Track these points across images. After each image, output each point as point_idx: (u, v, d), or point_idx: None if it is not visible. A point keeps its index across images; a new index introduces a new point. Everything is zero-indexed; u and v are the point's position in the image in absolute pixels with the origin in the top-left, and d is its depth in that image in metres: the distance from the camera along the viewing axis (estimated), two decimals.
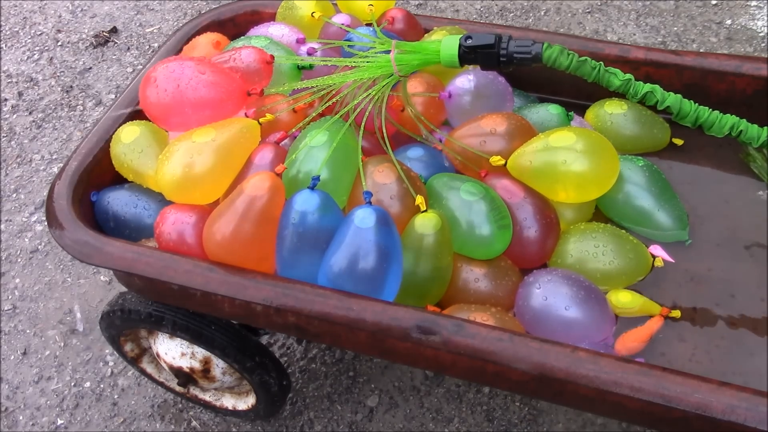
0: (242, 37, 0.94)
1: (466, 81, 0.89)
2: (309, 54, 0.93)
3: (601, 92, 0.97)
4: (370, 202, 0.72)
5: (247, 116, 0.83)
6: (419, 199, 0.75)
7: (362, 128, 0.82)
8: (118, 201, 0.85)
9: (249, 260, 0.74)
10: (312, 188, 0.73)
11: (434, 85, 0.91)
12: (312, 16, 0.99)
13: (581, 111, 0.95)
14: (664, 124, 0.93)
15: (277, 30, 0.96)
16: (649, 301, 0.76)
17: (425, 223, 0.74)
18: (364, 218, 0.71)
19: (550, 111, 0.90)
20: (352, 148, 0.80)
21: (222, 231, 0.73)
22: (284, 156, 0.81)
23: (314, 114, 0.86)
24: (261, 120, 0.80)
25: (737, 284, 0.79)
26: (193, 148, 0.77)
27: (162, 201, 0.83)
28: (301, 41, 0.95)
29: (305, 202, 0.73)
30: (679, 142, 0.93)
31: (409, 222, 0.76)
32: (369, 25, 0.96)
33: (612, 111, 0.92)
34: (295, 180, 0.78)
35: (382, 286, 0.72)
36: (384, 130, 0.81)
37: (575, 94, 0.99)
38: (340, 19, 0.98)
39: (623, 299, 0.76)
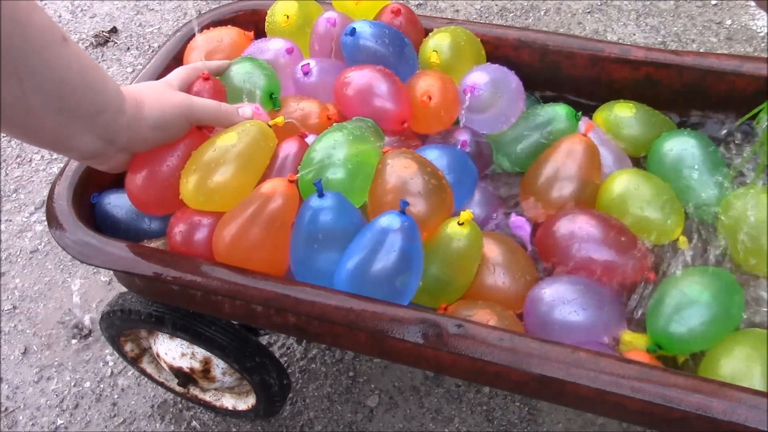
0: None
1: (482, 76, 0.89)
2: (303, 72, 0.92)
3: (602, 92, 0.97)
4: (403, 211, 0.71)
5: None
6: (466, 215, 0.74)
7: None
8: (117, 203, 0.85)
9: (255, 266, 0.74)
10: (320, 195, 0.72)
11: (447, 82, 0.91)
12: (286, 18, 0.98)
13: (581, 110, 0.95)
14: (672, 124, 0.93)
15: (273, 45, 0.95)
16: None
17: (460, 230, 0.74)
18: (391, 224, 0.70)
19: (557, 111, 0.90)
20: (370, 146, 0.80)
21: (231, 235, 0.73)
22: (306, 149, 0.81)
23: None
24: (270, 123, 0.80)
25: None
26: (219, 156, 0.75)
27: None
28: (290, 51, 0.94)
29: (317, 205, 0.72)
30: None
31: (440, 225, 0.76)
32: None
33: (621, 113, 0.92)
34: (312, 182, 0.77)
35: (400, 296, 0.72)
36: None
37: (576, 94, 0.99)
38: (327, 17, 0.97)
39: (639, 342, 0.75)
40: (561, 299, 0.73)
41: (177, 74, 0.81)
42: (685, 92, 0.93)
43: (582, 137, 0.84)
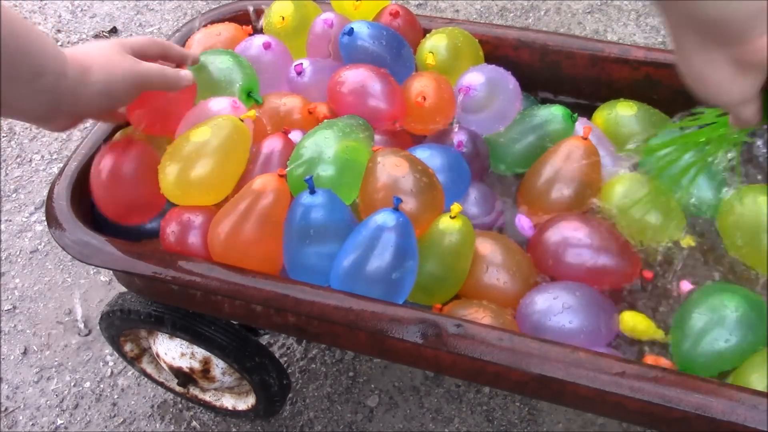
0: (207, 51, 0.94)
1: (478, 77, 0.89)
2: (297, 72, 0.92)
3: (602, 92, 0.97)
4: (396, 208, 0.71)
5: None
6: (456, 208, 0.74)
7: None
8: None
9: (253, 262, 0.74)
10: (311, 191, 0.73)
11: (442, 82, 0.91)
12: (281, 19, 0.98)
13: (579, 109, 0.95)
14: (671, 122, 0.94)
15: (256, 42, 0.95)
16: (653, 327, 0.75)
17: (452, 224, 0.74)
18: (386, 222, 0.70)
19: (554, 112, 0.90)
20: (360, 143, 0.80)
21: (226, 232, 0.73)
22: (292, 147, 0.81)
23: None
24: (241, 117, 0.80)
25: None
26: (193, 150, 0.76)
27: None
28: (267, 46, 0.94)
29: (309, 202, 0.73)
30: None
31: (431, 222, 0.76)
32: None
33: (622, 112, 0.92)
34: (301, 177, 0.77)
35: (397, 293, 0.72)
36: None
37: (576, 94, 0.99)
38: (324, 18, 0.97)
39: (638, 322, 0.74)
40: (552, 308, 0.73)
41: (135, 41, 0.76)
42: (685, 92, 0.93)
43: (581, 140, 0.84)
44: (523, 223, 0.85)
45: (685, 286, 0.78)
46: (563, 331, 0.72)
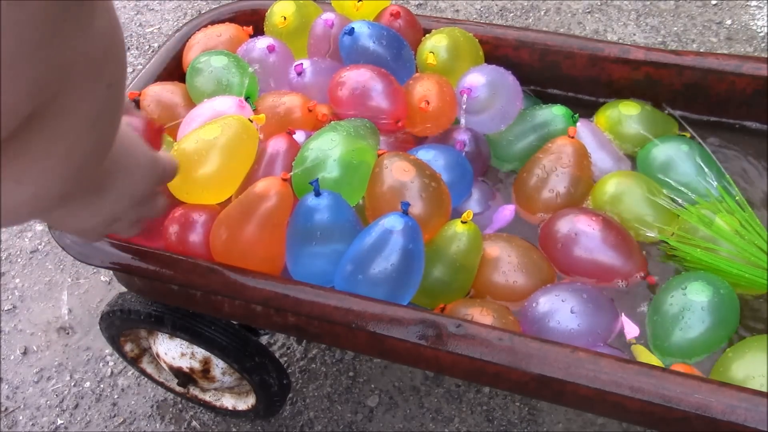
0: (204, 52, 0.94)
1: (479, 78, 0.89)
2: (297, 72, 0.92)
3: (601, 92, 0.97)
4: (405, 212, 0.71)
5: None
6: (468, 214, 0.75)
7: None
8: None
9: (254, 263, 0.74)
10: (316, 194, 0.73)
11: (443, 85, 0.91)
12: (283, 20, 0.98)
13: (580, 109, 0.95)
14: (675, 124, 0.94)
15: (260, 44, 0.95)
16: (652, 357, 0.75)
17: (461, 230, 0.74)
18: (394, 225, 0.70)
19: (554, 112, 0.90)
20: (366, 146, 0.80)
21: (228, 233, 0.73)
22: (297, 148, 0.81)
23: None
24: (252, 118, 0.80)
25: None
26: (202, 147, 0.76)
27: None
28: (271, 49, 0.94)
29: (314, 204, 0.73)
30: (685, 135, 0.94)
31: (439, 227, 0.76)
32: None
33: (625, 112, 0.92)
34: (306, 179, 0.77)
35: (401, 296, 0.72)
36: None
37: (576, 91, 0.99)
38: (325, 18, 0.97)
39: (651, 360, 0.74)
40: (555, 310, 0.73)
41: None
42: (685, 92, 0.93)
43: (570, 139, 0.84)
44: (505, 213, 0.86)
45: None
46: (566, 333, 0.72)
